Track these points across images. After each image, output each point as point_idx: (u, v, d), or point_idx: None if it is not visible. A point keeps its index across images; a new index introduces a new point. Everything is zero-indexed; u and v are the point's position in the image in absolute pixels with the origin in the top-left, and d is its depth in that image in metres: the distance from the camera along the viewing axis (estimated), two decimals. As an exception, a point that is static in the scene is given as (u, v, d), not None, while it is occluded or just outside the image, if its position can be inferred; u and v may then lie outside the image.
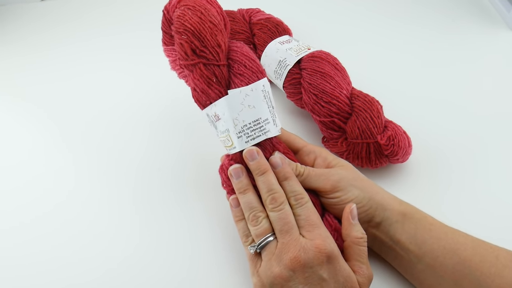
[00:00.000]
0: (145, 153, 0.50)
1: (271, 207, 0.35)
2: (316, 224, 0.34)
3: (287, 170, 0.36)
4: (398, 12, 0.68)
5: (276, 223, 0.34)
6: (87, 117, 0.54)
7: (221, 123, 0.37)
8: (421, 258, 0.35)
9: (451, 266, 0.34)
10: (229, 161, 0.38)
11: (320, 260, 0.32)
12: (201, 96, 0.37)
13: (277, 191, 0.35)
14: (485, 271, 0.33)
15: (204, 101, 0.37)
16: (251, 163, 0.36)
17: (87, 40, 0.66)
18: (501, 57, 0.59)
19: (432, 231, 0.35)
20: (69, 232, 0.43)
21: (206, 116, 0.39)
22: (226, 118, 0.36)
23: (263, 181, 0.36)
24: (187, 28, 0.36)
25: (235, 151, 0.37)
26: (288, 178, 0.36)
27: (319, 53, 0.49)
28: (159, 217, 0.44)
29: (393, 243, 0.36)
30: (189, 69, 0.38)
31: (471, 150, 0.48)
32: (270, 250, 0.34)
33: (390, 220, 0.36)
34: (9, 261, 0.41)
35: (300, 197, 0.35)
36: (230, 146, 0.37)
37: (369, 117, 0.44)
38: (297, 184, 0.36)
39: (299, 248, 0.32)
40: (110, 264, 0.40)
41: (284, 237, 0.33)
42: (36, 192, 0.47)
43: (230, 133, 0.36)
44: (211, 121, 0.38)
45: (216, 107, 0.37)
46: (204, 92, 0.37)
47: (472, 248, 0.34)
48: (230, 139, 0.37)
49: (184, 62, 0.37)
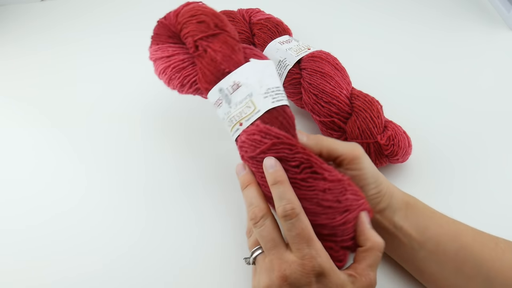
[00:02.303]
0: (152, 150, 0.50)
1: (252, 223, 0.33)
2: (307, 240, 0.31)
3: (279, 174, 0.33)
4: (398, 12, 0.68)
5: (260, 240, 0.33)
6: (88, 117, 0.54)
7: (242, 90, 0.36)
8: (423, 244, 0.35)
9: (453, 251, 0.34)
10: (251, 133, 0.35)
11: (307, 280, 0.30)
12: (220, 65, 0.37)
13: (256, 205, 0.33)
14: (485, 256, 0.33)
15: (221, 71, 0.37)
16: (238, 177, 0.36)
17: (87, 40, 0.66)
18: (501, 57, 0.59)
19: (434, 219, 0.36)
20: (82, 228, 0.43)
21: (218, 92, 0.37)
22: (251, 82, 0.36)
23: (245, 195, 0.35)
24: (206, 13, 0.40)
25: (258, 116, 0.35)
26: (278, 182, 0.32)
27: (319, 53, 0.49)
28: (168, 212, 0.44)
29: (396, 229, 0.36)
30: (208, 40, 0.38)
31: (471, 150, 0.48)
32: (259, 262, 0.33)
33: (395, 207, 0.36)
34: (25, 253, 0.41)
35: (290, 207, 0.31)
36: (250, 114, 0.36)
37: (369, 117, 0.44)
38: (288, 190, 0.32)
39: (285, 268, 0.31)
40: (116, 256, 0.41)
41: (270, 254, 0.32)
42: (48, 191, 0.47)
43: (253, 97, 0.36)
44: (225, 95, 0.37)
45: (236, 74, 0.37)
46: (227, 59, 0.37)
47: (472, 235, 0.35)
48: (253, 103, 0.36)
49: (205, 34, 0.38)
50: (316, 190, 0.33)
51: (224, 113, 0.37)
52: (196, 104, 0.53)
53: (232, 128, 0.37)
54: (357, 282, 0.31)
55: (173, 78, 0.42)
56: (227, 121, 0.37)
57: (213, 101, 0.38)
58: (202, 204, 0.45)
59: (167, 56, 0.42)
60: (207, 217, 0.44)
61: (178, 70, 0.41)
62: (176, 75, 0.41)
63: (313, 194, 0.33)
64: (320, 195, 0.33)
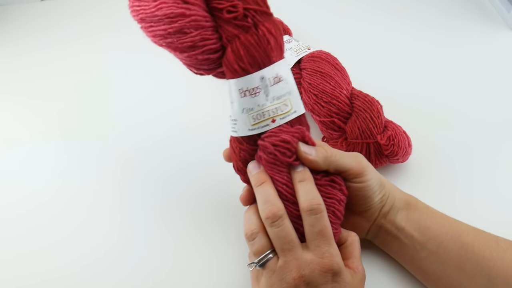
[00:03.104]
0: (147, 153, 0.50)
1: (268, 221, 0.32)
2: (327, 238, 0.31)
3: (307, 174, 0.33)
4: (398, 11, 0.68)
5: (276, 241, 0.32)
6: (87, 116, 0.54)
7: (282, 85, 0.33)
8: (424, 244, 0.35)
9: (454, 251, 0.34)
10: (296, 133, 0.33)
11: (325, 279, 0.30)
12: (271, 51, 0.32)
13: (275, 204, 0.32)
14: (486, 255, 0.33)
15: (269, 58, 0.32)
16: (252, 173, 0.34)
17: (87, 39, 0.66)
18: (501, 57, 0.59)
19: (434, 219, 0.36)
20: (71, 227, 0.43)
21: (259, 80, 0.33)
22: (290, 79, 0.34)
23: (260, 191, 0.33)
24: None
25: (294, 116, 0.34)
26: (306, 179, 0.33)
27: (319, 53, 0.49)
28: (156, 218, 0.44)
29: (398, 231, 0.36)
30: (262, 17, 0.32)
31: (471, 150, 0.48)
32: (270, 267, 0.32)
33: (397, 208, 0.37)
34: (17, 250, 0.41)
35: (317, 202, 0.31)
36: (286, 113, 0.34)
37: (369, 117, 0.44)
38: (315, 188, 0.33)
39: (304, 267, 0.30)
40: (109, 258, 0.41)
41: (286, 256, 0.31)
42: (37, 190, 0.47)
43: (291, 95, 0.34)
44: (265, 85, 0.33)
45: (279, 67, 0.33)
46: (277, 47, 0.33)
47: (473, 235, 0.35)
48: (291, 102, 0.33)
49: (259, 8, 0.32)
50: (333, 199, 0.34)
51: (257, 103, 0.33)
52: (196, 105, 0.53)
53: (258, 122, 0.34)
54: (356, 276, 0.33)
55: (185, 33, 0.32)
56: (254, 113, 0.34)
57: (246, 87, 0.33)
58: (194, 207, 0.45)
59: (185, 1, 0.31)
60: (200, 221, 0.44)
61: (197, 27, 0.32)
62: (192, 32, 0.32)
63: (330, 202, 0.34)
64: (336, 205, 0.34)
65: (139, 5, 0.32)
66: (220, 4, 0.32)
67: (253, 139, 0.35)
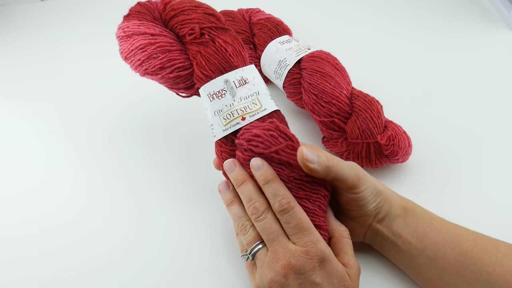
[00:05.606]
0: (146, 152, 0.50)
1: (253, 217, 0.34)
2: (306, 229, 0.33)
3: (269, 173, 0.34)
4: (399, 12, 0.68)
5: (262, 233, 0.34)
6: (87, 116, 0.54)
7: (248, 87, 0.38)
8: (422, 251, 0.35)
9: (452, 257, 0.34)
10: (267, 129, 0.35)
11: (311, 266, 0.31)
12: (230, 58, 0.38)
13: (256, 200, 0.34)
14: (486, 261, 0.33)
15: (230, 64, 0.38)
16: (230, 174, 0.36)
17: (87, 39, 0.66)
18: (501, 57, 0.59)
19: (433, 225, 0.36)
20: (73, 228, 0.43)
21: (223, 83, 0.37)
22: (257, 82, 0.38)
23: (242, 191, 0.35)
24: (212, 9, 0.41)
25: (263, 114, 0.37)
26: (269, 181, 0.34)
27: (319, 53, 0.49)
28: (159, 216, 0.44)
29: (395, 237, 0.36)
30: (217, 32, 0.39)
31: (471, 150, 0.48)
32: (261, 257, 0.34)
33: (393, 215, 0.36)
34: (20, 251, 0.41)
35: (285, 201, 0.33)
36: (255, 110, 0.37)
37: (369, 117, 0.44)
38: (281, 187, 0.34)
39: (289, 256, 0.32)
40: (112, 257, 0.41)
41: (272, 245, 0.33)
42: (39, 188, 0.47)
43: (260, 95, 0.38)
44: (230, 87, 0.37)
45: (244, 71, 0.38)
46: (237, 54, 0.39)
47: (472, 240, 0.34)
48: (259, 101, 0.37)
49: (214, 25, 0.39)
50: (319, 194, 0.35)
51: (224, 104, 0.37)
52: (196, 106, 0.53)
53: (229, 121, 0.37)
54: (350, 271, 0.33)
55: (154, 58, 0.39)
56: (224, 114, 0.37)
57: (212, 91, 0.37)
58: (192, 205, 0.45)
59: (152, 34, 0.39)
60: (196, 219, 0.44)
61: (163, 51, 0.39)
62: (159, 55, 0.39)
63: (316, 197, 0.35)
64: (322, 200, 0.35)
65: (122, 47, 0.41)
66: (182, 31, 0.39)
67: (231, 140, 0.37)
